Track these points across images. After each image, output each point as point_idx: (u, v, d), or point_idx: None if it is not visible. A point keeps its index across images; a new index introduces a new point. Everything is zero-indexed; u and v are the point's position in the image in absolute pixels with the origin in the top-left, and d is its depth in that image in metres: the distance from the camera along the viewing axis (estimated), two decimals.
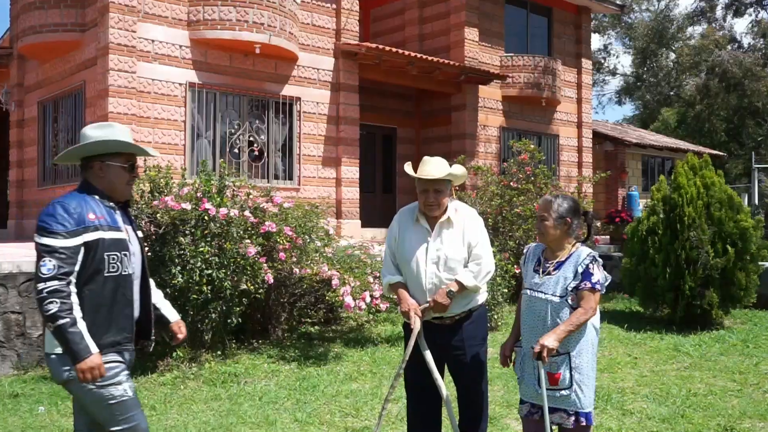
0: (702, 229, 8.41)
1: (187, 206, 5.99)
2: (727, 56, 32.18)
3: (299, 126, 13.15)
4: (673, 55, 39.77)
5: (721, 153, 27.33)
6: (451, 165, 3.98)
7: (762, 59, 34.78)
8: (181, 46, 11.75)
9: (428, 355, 3.87)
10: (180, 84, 11.74)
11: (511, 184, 9.63)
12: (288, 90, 12.98)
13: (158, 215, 6.03)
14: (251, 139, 12.67)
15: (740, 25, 70.61)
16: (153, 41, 11.46)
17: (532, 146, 10.36)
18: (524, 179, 9.68)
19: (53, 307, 2.80)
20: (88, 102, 11.73)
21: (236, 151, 12.47)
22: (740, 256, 8.51)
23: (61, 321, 2.80)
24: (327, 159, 13.53)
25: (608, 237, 13.44)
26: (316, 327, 8.40)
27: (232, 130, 12.42)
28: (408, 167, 4.03)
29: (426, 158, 3.99)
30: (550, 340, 3.35)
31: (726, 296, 8.59)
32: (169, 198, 6.04)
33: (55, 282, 2.83)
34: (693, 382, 6.10)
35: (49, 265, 2.83)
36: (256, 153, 12.72)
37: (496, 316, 8.37)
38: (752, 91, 32.22)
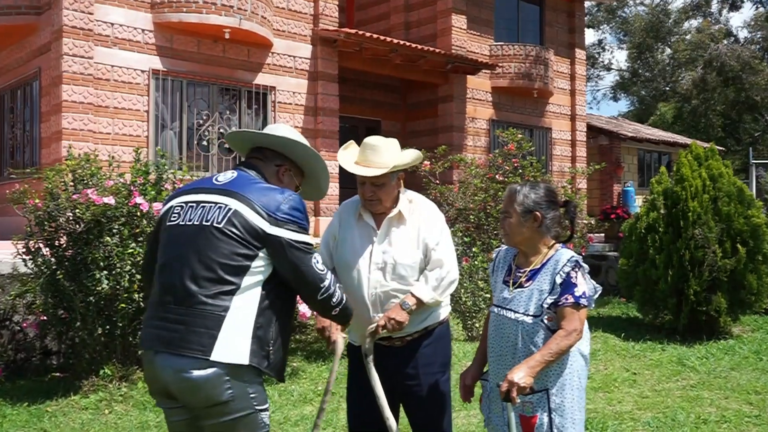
0: (708, 226, 7.54)
1: (111, 200, 5.12)
2: (724, 49, 31.45)
3: (274, 117, 12.35)
4: (668, 50, 38.96)
5: (719, 148, 26.56)
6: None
7: (760, 52, 34.05)
8: (143, 30, 10.91)
9: (378, 387, 3.01)
10: (142, 71, 10.90)
11: (497, 177, 8.77)
12: (262, 78, 12.17)
13: (77, 211, 5.15)
14: (222, 131, 11.82)
15: (736, 20, 70.05)
16: (112, 24, 10.63)
17: (520, 135, 9.49)
18: (511, 172, 8.83)
19: (340, 293, 2.68)
20: (43, 90, 10.90)
21: (205, 143, 11.64)
22: (752, 257, 7.64)
23: (345, 299, 2.71)
24: None
25: (603, 235, 12.65)
26: None
27: (201, 121, 11.59)
28: (342, 156, 3.25)
29: (368, 141, 3.18)
30: (521, 375, 2.48)
31: (735, 301, 7.73)
32: (91, 191, 5.17)
33: (329, 273, 2.67)
34: (702, 405, 5.25)
35: (321, 259, 2.66)
36: (227, 146, 11.87)
37: (477, 325, 7.52)
38: (750, 85, 31.48)
